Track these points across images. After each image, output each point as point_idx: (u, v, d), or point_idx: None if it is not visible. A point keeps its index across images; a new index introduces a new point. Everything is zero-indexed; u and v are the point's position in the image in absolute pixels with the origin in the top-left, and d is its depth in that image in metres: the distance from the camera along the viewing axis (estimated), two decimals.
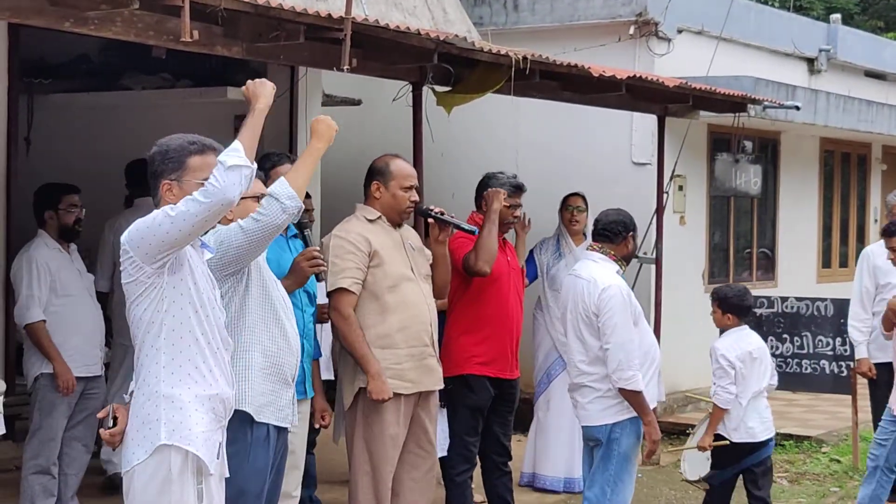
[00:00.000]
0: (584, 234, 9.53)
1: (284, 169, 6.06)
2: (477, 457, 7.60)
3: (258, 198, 5.40)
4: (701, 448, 7.57)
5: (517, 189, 7.85)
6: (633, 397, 6.68)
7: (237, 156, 4.50)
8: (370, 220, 6.63)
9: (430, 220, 6.80)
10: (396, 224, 6.72)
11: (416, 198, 6.71)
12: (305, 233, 5.84)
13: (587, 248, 7.11)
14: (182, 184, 4.61)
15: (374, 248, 6.52)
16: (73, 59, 11.25)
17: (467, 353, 7.42)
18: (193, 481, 4.54)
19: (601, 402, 6.76)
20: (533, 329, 9.43)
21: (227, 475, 4.79)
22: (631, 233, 7.00)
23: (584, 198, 9.62)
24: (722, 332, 7.66)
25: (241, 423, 5.20)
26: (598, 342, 6.73)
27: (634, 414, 6.71)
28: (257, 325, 5.34)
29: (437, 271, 6.90)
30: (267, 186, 5.63)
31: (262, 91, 4.99)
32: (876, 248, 9.25)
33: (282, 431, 5.47)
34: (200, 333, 4.59)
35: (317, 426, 6.28)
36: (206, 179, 4.57)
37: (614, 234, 6.94)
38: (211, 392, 4.61)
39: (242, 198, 5.27)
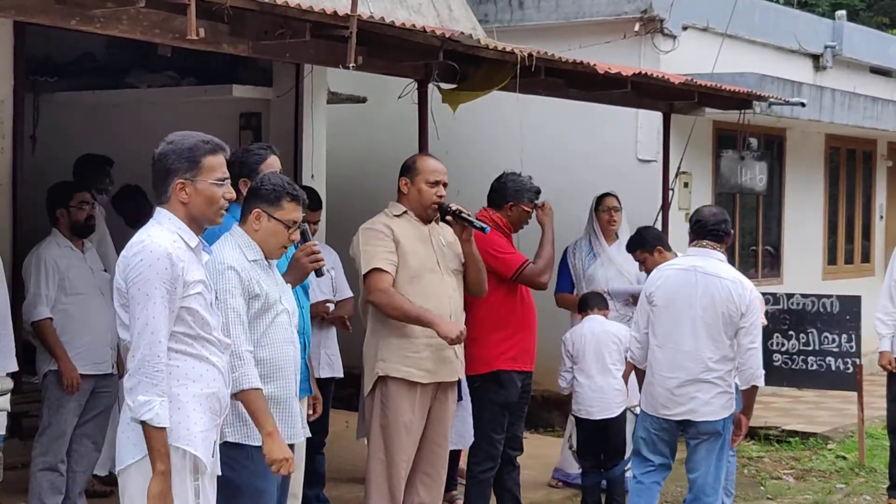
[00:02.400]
0: (617, 234, 9.52)
1: (272, 161, 6.04)
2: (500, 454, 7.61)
3: (296, 224, 5.46)
4: None
5: (537, 195, 7.92)
6: (754, 394, 7.16)
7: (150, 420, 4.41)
8: (396, 215, 6.80)
9: (448, 216, 6.84)
10: (425, 220, 6.80)
11: (443, 192, 6.81)
12: (303, 226, 5.83)
13: (702, 247, 7.18)
14: (196, 184, 4.59)
15: (397, 237, 6.68)
16: (78, 58, 11.24)
17: (496, 349, 7.44)
18: (190, 479, 4.55)
19: (723, 398, 7.10)
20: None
21: (220, 473, 4.79)
22: (731, 231, 7.38)
23: (617, 197, 9.61)
24: None
25: (241, 451, 5.20)
26: (731, 341, 7.04)
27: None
28: (261, 344, 5.33)
29: (469, 270, 6.98)
30: (253, 180, 5.65)
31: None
32: None
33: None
34: (197, 335, 4.59)
35: (309, 413, 6.24)
36: (219, 181, 4.57)
37: (725, 233, 7.24)
38: (209, 391, 4.61)
39: (275, 218, 5.37)
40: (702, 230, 7.20)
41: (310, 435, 5.71)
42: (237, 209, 5.65)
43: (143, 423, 4.40)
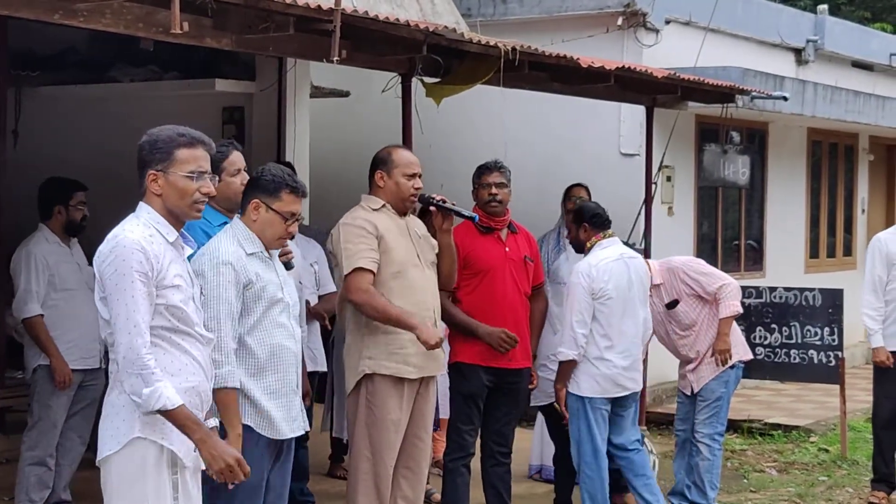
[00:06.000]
0: None
1: (234, 158, 5.90)
2: (475, 445, 7.59)
3: (294, 217, 5.42)
4: None
5: (488, 169, 7.56)
6: None
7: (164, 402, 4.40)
8: (374, 209, 6.66)
9: (432, 207, 6.80)
10: (402, 213, 6.74)
11: (420, 185, 6.70)
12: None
13: (610, 237, 7.82)
14: (168, 175, 4.58)
15: (380, 233, 6.57)
16: (60, 52, 11.22)
17: (461, 342, 7.41)
18: (168, 472, 4.54)
19: None
20: None
21: (203, 467, 4.76)
22: None
23: (586, 188, 9.53)
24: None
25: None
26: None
27: None
28: (255, 335, 5.31)
29: (443, 261, 6.90)
30: (220, 177, 5.49)
31: None
32: (888, 235, 9.16)
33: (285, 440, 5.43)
34: (177, 329, 4.57)
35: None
36: (191, 173, 4.56)
37: None
38: (187, 385, 4.59)
39: (273, 209, 5.35)
40: (602, 221, 7.83)
41: (309, 429, 5.69)
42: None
43: (159, 412, 4.41)
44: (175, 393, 4.43)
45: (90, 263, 7.62)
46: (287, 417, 5.39)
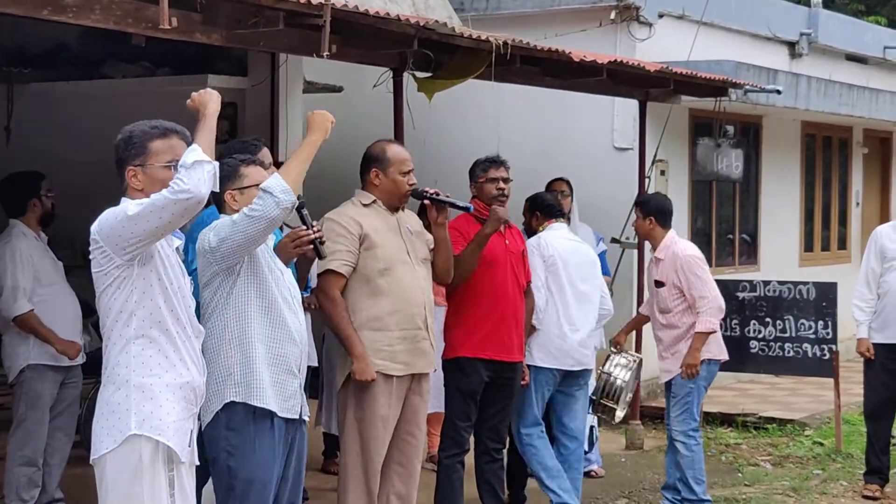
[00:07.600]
0: (568, 219, 9.48)
1: (265, 153, 6.08)
2: (469, 441, 7.57)
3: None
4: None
5: (491, 163, 7.62)
6: None
7: (196, 154, 4.48)
8: (365, 205, 6.68)
9: (426, 201, 6.79)
10: (395, 208, 6.74)
11: (415, 181, 6.73)
12: (303, 212, 5.82)
13: (558, 222, 8.11)
14: (146, 169, 4.61)
15: (364, 231, 6.56)
16: (52, 48, 11.20)
17: (461, 336, 7.38)
18: (164, 469, 4.56)
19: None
20: None
21: (198, 463, 4.80)
22: None
23: (568, 182, 9.59)
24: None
25: (244, 414, 5.22)
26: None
27: None
28: (256, 315, 5.30)
29: (439, 255, 6.89)
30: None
31: (210, 98, 4.91)
32: (886, 229, 9.17)
33: (291, 423, 5.39)
34: (171, 323, 4.60)
35: None
36: (169, 163, 4.57)
37: None
38: (182, 380, 4.61)
39: (246, 187, 5.40)
40: (554, 211, 8.13)
41: (308, 417, 5.67)
42: None
43: (196, 163, 4.46)
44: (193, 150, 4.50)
45: (59, 258, 7.66)
46: (280, 394, 5.33)
